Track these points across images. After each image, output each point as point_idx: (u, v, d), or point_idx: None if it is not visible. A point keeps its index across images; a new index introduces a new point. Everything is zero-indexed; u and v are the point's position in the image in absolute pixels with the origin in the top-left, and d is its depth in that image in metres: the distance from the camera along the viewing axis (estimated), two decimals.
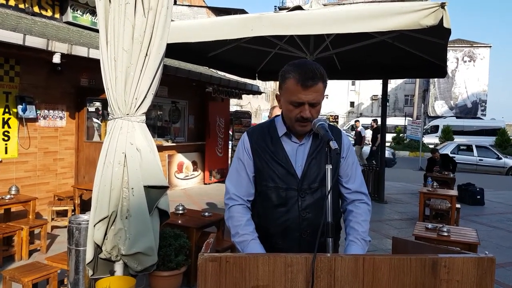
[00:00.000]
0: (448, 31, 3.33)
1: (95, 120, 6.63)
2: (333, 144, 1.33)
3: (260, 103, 27.61)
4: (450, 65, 30.95)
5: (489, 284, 1.15)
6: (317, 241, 1.18)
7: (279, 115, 1.71)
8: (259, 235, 1.58)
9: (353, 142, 13.46)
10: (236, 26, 3.82)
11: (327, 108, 35.94)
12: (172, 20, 3.01)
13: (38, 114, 5.77)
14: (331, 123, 1.66)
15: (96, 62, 2.99)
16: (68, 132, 6.28)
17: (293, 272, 1.14)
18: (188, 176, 9.13)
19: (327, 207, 1.31)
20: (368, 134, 14.99)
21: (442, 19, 3.03)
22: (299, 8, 4.17)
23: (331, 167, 1.36)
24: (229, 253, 1.61)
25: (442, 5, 3.03)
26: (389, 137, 20.94)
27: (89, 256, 2.74)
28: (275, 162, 1.60)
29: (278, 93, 1.64)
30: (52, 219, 5.27)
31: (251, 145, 1.65)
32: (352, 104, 41.34)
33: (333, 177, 1.36)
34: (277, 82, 1.72)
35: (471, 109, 33.63)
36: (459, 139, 19.94)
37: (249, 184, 1.65)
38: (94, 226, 2.71)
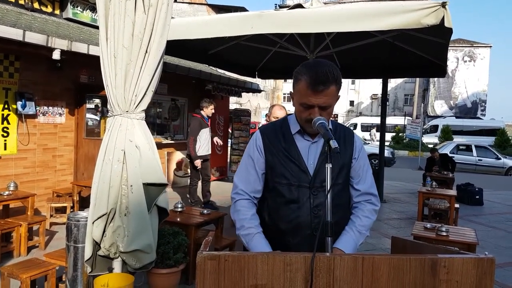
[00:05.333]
0: (449, 31, 3.33)
1: (94, 117, 6.62)
2: (333, 143, 1.33)
3: (260, 101, 27.59)
4: (450, 64, 30.96)
5: (489, 284, 1.15)
6: (316, 240, 1.19)
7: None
8: (270, 233, 1.59)
9: None
10: (237, 24, 3.81)
11: None
12: (172, 17, 3.00)
13: (38, 111, 5.76)
14: (340, 123, 1.64)
15: (96, 58, 2.99)
16: (68, 129, 6.26)
17: (292, 271, 1.14)
18: (187, 173, 9.11)
19: (327, 206, 1.32)
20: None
21: (443, 18, 3.02)
22: (299, 6, 4.15)
23: (330, 166, 1.36)
24: (228, 251, 1.61)
25: (443, 4, 3.02)
26: (388, 136, 20.94)
27: (87, 253, 2.73)
28: (287, 159, 1.60)
29: (292, 90, 1.64)
30: (51, 215, 5.27)
31: (263, 142, 1.65)
32: (351, 103, 41.36)
33: (333, 176, 1.35)
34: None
35: (470, 109, 33.66)
36: (458, 139, 19.96)
37: (257, 181, 1.66)
38: (93, 223, 2.70)
